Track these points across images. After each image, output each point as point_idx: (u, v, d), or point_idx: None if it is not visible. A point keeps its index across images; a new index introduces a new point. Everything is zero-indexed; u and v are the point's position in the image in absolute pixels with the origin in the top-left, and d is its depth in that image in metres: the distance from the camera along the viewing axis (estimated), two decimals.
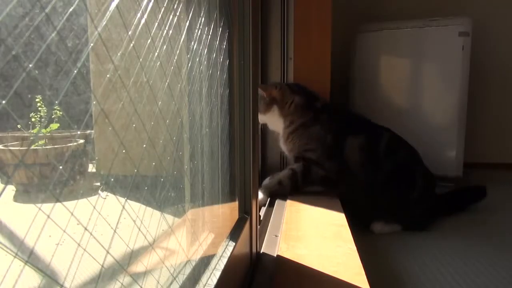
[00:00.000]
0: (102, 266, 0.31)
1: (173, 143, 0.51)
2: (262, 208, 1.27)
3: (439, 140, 2.05)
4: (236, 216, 0.77)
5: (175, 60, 0.49)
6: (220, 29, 0.68)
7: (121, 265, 0.35)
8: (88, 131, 0.49)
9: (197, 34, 0.59)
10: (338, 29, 1.95)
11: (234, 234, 0.69)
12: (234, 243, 0.65)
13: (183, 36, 0.54)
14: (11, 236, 0.49)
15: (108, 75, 0.33)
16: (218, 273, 0.55)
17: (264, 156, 1.79)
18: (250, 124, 0.75)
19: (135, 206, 0.37)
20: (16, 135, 0.43)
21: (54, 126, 0.55)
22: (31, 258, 0.23)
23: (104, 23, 0.30)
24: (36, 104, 0.36)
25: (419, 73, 2.09)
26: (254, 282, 0.73)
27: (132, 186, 0.37)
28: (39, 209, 0.24)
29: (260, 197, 1.33)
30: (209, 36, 0.63)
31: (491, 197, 1.60)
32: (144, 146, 0.39)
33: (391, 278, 1.05)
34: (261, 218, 1.15)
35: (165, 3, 0.45)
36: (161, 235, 0.45)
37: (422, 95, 2.09)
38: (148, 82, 0.40)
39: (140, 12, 0.37)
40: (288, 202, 1.28)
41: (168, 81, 0.46)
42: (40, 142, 0.59)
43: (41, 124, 0.44)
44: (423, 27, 2.02)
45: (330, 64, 1.75)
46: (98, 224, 0.30)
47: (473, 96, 2.19)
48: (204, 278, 0.54)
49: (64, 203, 0.26)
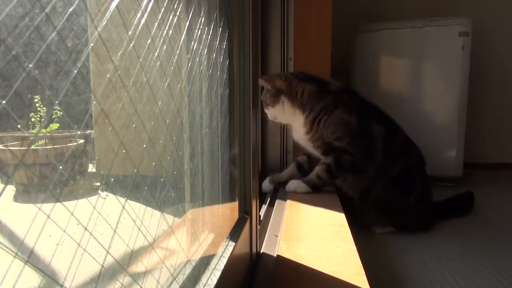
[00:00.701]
0: (102, 266, 0.31)
1: (173, 143, 0.51)
2: (262, 208, 1.27)
3: (439, 140, 2.05)
4: (236, 216, 0.77)
5: (175, 60, 0.49)
6: (220, 29, 0.68)
7: (121, 265, 0.35)
8: (88, 131, 0.49)
9: (197, 34, 0.59)
10: (338, 29, 1.95)
11: (234, 234, 0.69)
12: (234, 243, 0.65)
13: (183, 36, 0.54)
14: (11, 236, 0.49)
15: (108, 75, 0.33)
16: (218, 273, 0.55)
17: (264, 156, 1.79)
18: (250, 124, 0.75)
19: (135, 206, 0.37)
20: (16, 135, 0.43)
21: (54, 126, 0.55)
22: (31, 258, 0.23)
23: (104, 23, 0.30)
24: (36, 104, 0.36)
25: (419, 73, 2.09)
26: (254, 282, 0.73)
27: (132, 186, 0.37)
28: (39, 209, 0.24)
29: (306, 189, 1.38)
30: (209, 36, 0.64)
31: (491, 197, 1.60)
32: (144, 146, 0.39)
33: (391, 278, 1.05)
34: (261, 218, 1.15)
35: (165, 3, 0.45)
36: (161, 235, 0.45)
37: (422, 95, 2.09)
38: (148, 82, 0.40)
39: (140, 12, 0.37)
40: (288, 202, 1.28)
41: (168, 81, 0.46)
42: (40, 142, 0.59)
43: (41, 124, 0.44)
44: (423, 27, 2.02)
45: (330, 64, 1.75)
46: (98, 224, 0.30)
47: (473, 96, 2.19)
48: (204, 278, 0.54)
49: (64, 203, 0.26)
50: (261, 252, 0.87)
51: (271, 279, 0.73)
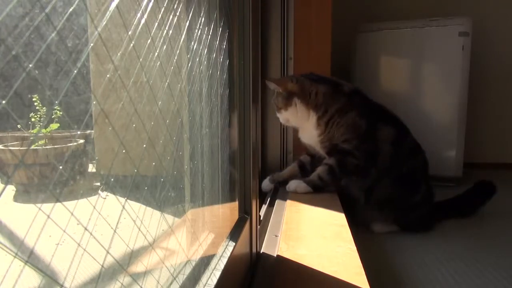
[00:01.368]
0: (102, 266, 0.31)
1: (173, 143, 0.51)
2: (262, 208, 1.27)
3: (439, 140, 2.05)
4: (236, 216, 0.77)
5: (175, 60, 0.49)
6: (220, 29, 0.68)
7: (121, 265, 0.35)
8: (88, 131, 0.49)
9: (197, 34, 0.59)
10: (338, 29, 1.95)
11: (234, 234, 0.69)
12: (234, 243, 0.65)
13: (183, 36, 0.54)
14: (11, 236, 0.49)
15: (108, 75, 0.33)
16: (218, 273, 0.55)
17: (264, 156, 1.79)
18: (250, 124, 0.75)
19: (135, 206, 0.37)
20: (16, 135, 0.43)
21: (54, 126, 0.55)
22: (31, 258, 0.23)
23: (104, 23, 0.30)
24: (34, 104, 0.36)
25: (419, 73, 2.09)
26: (254, 282, 0.73)
27: (132, 186, 0.37)
28: (39, 209, 0.24)
29: (307, 189, 1.38)
30: (209, 36, 0.63)
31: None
32: (144, 146, 0.39)
33: (391, 278, 1.05)
34: (261, 218, 1.15)
35: (165, 3, 0.45)
36: (161, 235, 0.45)
37: (422, 95, 2.09)
38: (148, 82, 0.40)
39: (140, 12, 0.37)
40: (288, 202, 1.28)
41: (168, 81, 0.46)
42: (40, 142, 0.59)
43: (41, 124, 0.44)
44: (423, 27, 2.02)
45: (330, 64, 1.75)
46: (98, 224, 0.30)
47: (473, 96, 2.19)
48: (204, 278, 0.54)
49: (64, 203, 0.26)
50: (261, 252, 0.87)
51: (271, 279, 0.73)
